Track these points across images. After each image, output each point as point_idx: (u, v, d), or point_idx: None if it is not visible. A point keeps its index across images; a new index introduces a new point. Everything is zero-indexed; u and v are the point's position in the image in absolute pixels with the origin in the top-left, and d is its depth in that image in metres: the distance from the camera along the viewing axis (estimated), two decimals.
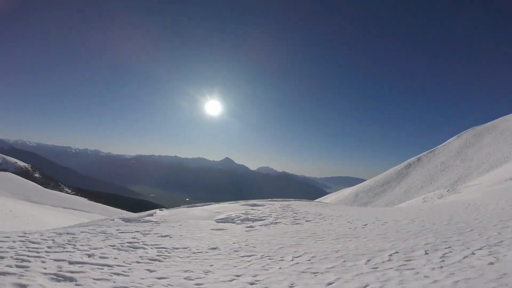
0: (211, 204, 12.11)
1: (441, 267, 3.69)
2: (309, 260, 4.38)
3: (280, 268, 4.06)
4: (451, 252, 4.31)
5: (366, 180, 43.87)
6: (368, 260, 4.18)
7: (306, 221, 8.34)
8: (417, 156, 41.92)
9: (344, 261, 4.23)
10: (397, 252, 4.47)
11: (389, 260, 4.14)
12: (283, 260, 4.45)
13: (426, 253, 4.32)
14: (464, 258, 3.98)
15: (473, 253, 4.14)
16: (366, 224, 7.29)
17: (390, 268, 3.76)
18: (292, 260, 4.42)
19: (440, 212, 9.02)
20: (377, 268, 3.83)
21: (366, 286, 3.24)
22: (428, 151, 42.05)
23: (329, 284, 3.39)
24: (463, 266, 3.66)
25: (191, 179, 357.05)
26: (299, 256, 4.62)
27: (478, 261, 3.79)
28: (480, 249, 4.32)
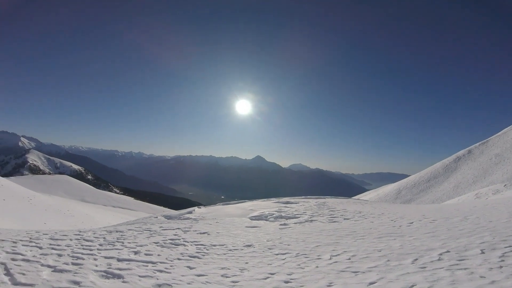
0: (245, 201, 12.32)
1: (500, 267, 3.30)
2: (349, 259, 4.20)
3: (317, 266, 3.94)
4: None
5: (409, 175, 41.27)
6: (415, 260, 3.89)
7: (344, 219, 8.05)
8: (467, 148, 38.40)
9: (388, 260, 3.98)
10: (448, 252, 4.10)
11: (439, 259, 3.81)
12: (320, 258, 4.31)
13: (482, 252, 3.90)
14: None
15: None
16: (411, 222, 6.82)
17: (440, 268, 3.46)
18: (330, 258, 4.26)
19: (497, 208, 8.13)
20: (425, 267, 3.55)
21: (413, 286, 3.00)
22: (479, 142, 38.30)
23: (371, 283, 3.21)
24: None
25: (225, 178, 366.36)
26: (338, 255, 4.45)
27: None
28: None
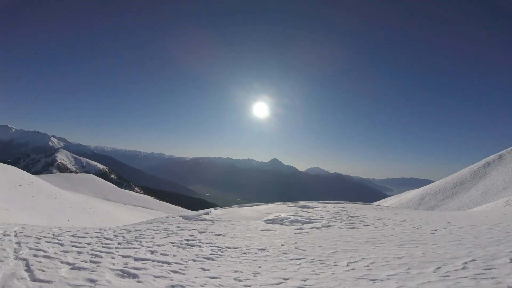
0: (260, 204, 12.25)
1: None
2: (367, 266, 4.04)
3: (333, 273, 3.82)
4: None
5: (433, 181, 39.50)
6: (438, 268, 3.68)
7: (364, 225, 7.80)
8: (498, 153, 36.24)
9: (409, 268, 3.79)
10: (474, 260, 3.85)
11: (463, 268, 3.58)
12: (336, 265, 4.18)
13: None
14: None
15: None
16: (435, 230, 6.49)
17: (465, 277, 3.24)
18: (347, 265, 4.13)
19: None
20: (448, 276, 3.34)
21: None
22: (511, 147, 36.05)
23: None
24: None
25: (241, 180, 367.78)
26: (356, 261, 4.29)
27: None
28: None
